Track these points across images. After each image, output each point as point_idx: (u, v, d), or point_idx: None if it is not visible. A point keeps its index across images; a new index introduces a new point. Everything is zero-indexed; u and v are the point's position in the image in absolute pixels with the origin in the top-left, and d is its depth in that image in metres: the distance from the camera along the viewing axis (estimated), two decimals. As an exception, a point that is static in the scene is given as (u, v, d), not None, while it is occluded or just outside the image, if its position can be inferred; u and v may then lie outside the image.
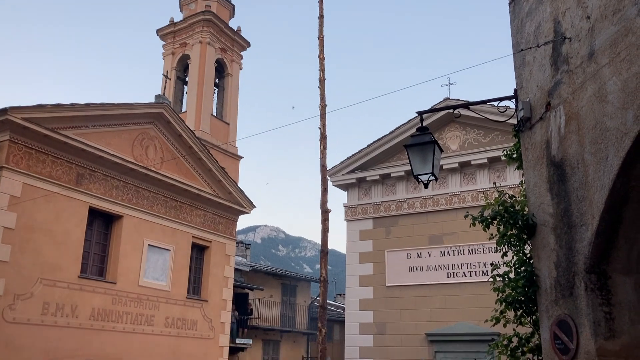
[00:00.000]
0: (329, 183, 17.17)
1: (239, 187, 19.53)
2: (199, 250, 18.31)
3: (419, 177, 6.28)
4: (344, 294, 22.40)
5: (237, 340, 21.08)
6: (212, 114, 21.41)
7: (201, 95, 20.85)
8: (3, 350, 12.01)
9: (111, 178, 15.18)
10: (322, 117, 13.10)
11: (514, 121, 5.78)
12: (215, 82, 22.16)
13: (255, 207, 20.16)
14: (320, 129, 13.12)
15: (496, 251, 6.09)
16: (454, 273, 17.66)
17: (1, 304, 12.16)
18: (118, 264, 15.06)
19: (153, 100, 17.04)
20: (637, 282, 4.44)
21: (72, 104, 14.15)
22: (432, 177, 6.29)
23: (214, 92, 22.18)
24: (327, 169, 14.16)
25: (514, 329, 6.08)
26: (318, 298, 13.83)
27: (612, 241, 4.35)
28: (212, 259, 18.49)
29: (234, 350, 20.67)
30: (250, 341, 22.09)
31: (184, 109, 21.42)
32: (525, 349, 5.99)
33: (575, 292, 4.60)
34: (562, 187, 4.84)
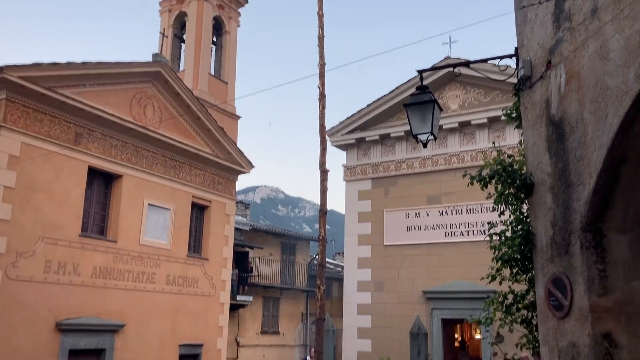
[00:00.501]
0: (328, 143, 17.16)
1: (237, 147, 19.51)
2: (199, 210, 18.42)
3: (418, 136, 6.27)
4: (343, 253, 22.68)
5: (238, 297, 21.45)
6: (210, 73, 21.18)
7: (199, 54, 20.59)
8: (7, 306, 12.23)
9: (110, 137, 15.14)
10: (321, 75, 12.98)
11: (515, 80, 5.73)
12: (212, 40, 21.84)
13: (254, 167, 20.20)
14: (319, 88, 13.02)
15: (493, 210, 6.13)
16: (451, 232, 17.83)
17: (4, 261, 12.31)
18: (118, 223, 15.18)
19: (150, 59, 16.84)
20: (632, 240, 4.49)
21: (68, 63, 14.00)
22: (431, 137, 6.27)
23: (212, 51, 21.90)
24: (326, 129, 14.12)
25: (509, 287, 6.17)
26: (317, 256, 14.00)
27: (609, 200, 4.38)
28: (212, 218, 18.62)
29: (234, 307, 21.05)
30: (251, 298, 22.48)
31: (181, 68, 21.18)
32: (520, 305, 6.09)
33: (571, 250, 4.66)
34: (561, 146, 4.84)
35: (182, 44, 21.90)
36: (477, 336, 18.70)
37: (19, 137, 12.85)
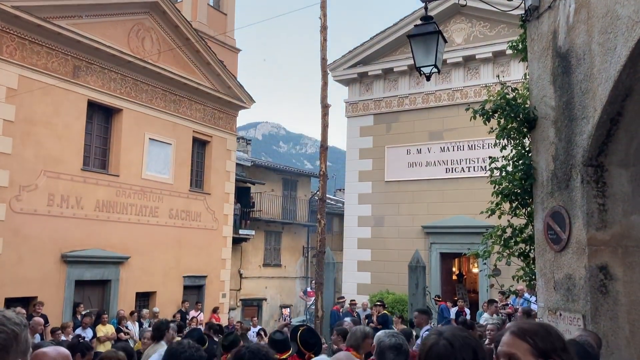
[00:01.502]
0: (330, 78, 16.89)
1: (238, 81, 19.25)
2: (200, 145, 18.40)
3: (421, 69, 6.14)
4: (344, 189, 22.83)
5: (240, 231, 21.76)
6: (208, 4, 20.60)
7: (197, -16, 19.94)
8: (13, 238, 12.43)
9: (108, 71, 14.91)
10: (323, 6, 12.62)
11: (522, 12, 5.56)
12: (211, -30, 21.10)
13: (254, 102, 20.00)
14: (320, 19, 12.69)
15: (495, 146, 6.09)
16: (452, 168, 17.86)
17: (7, 195, 12.41)
18: (120, 157, 15.19)
19: (147, -11, 16.34)
20: (633, 174, 4.48)
21: (63, -8, 13.60)
22: (434, 70, 6.14)
23: (211, -19, 21.20)
24: (328, 63, 13.87)
25: (508, 220, 6.22)
26: (318, 192, 14.09)
27: (612, 134, 4.34)
28: (213, 154, 18.63)
29: (237, 241, 21.39)
30: (253, 232, 22.81)
31: (179, -1, 20.58)
32: (518, 239, 6.16)
33: (571, 184, 4.66)
34: (566, 79, 4.75)
35: (179, -27, 21.16)
36: (475, 270, 19.08)
37: (16, 69, 12.66)
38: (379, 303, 13.89)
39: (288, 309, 23.93)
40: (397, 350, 3.08)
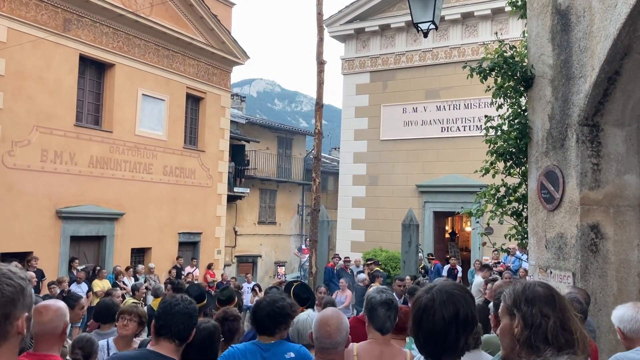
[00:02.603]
0: (326, 33, 16.62)
1: (232, 37, 18.92)
2: (194, 101, 18.21)
3: (419, 25, 6.04)
4: (339, 148, 22.79)
5: (235, 189, 21.79)
6: (202, -44, 20.04)
7: None
8: (7, 194, 12.41)
9: (100, 24, 14.60)
10: (320, -40, 12.30)
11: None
12: None
13: (249, 58, 19.73)
14: (317, -27, 12.38)
15: (491, 105, 6.05)
16: (448, 127, 17.81)
17: (0, 150, 12.32)
18: (113, 113, 15.04)
19: (138, -61, 15.84)
20: (628, 134, 4.48)
21: (51, -59, 13.18)
22: (432, 26, 6.04)
23: None
24: (324, 18, 13.62)
25: (502, 180, 6.24)
26: (313, 150, 14.06)
27: (609, 93, 4.31)
28: (207, 110, 18.46)
29: (232, 198, 21.45)
30: (248, 190, 22.85)
31: (172, -50, 20.00)
32: (511, 198, 6.19)
33: (567, 144, 4.65)
34: (565, 37, 4.68)
35: None
36: (467, 228, 19.28)
37: (5, 22, 12.37)
38: (369, 262, 14.12)
39: (284, 267, 24.20)
40: (388, 306, 3.13)
